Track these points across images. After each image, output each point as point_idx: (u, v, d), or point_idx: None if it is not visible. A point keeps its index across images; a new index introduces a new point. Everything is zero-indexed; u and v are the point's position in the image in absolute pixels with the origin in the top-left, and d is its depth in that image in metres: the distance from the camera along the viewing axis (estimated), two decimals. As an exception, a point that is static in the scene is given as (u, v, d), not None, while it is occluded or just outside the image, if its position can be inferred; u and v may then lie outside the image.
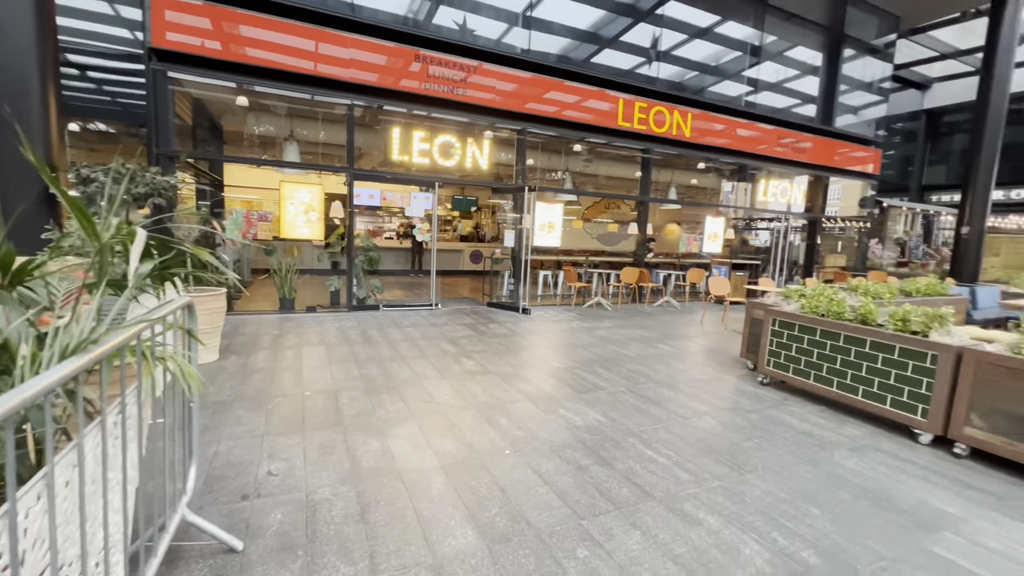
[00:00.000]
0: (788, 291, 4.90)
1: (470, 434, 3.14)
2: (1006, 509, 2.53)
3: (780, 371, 4.35)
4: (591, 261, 11.49)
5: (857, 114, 12.51)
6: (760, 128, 10.63)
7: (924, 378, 3.30)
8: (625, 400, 3.94)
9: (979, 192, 10.56)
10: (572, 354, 5.39)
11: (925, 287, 6.36)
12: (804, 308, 4.28)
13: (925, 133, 18.92)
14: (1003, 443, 2.93)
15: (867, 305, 3.85)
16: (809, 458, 3.03)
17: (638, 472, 2.73)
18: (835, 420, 3.71)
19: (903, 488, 2.71)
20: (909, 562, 2.06)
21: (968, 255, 10.88)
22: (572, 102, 8.54)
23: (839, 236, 16.15)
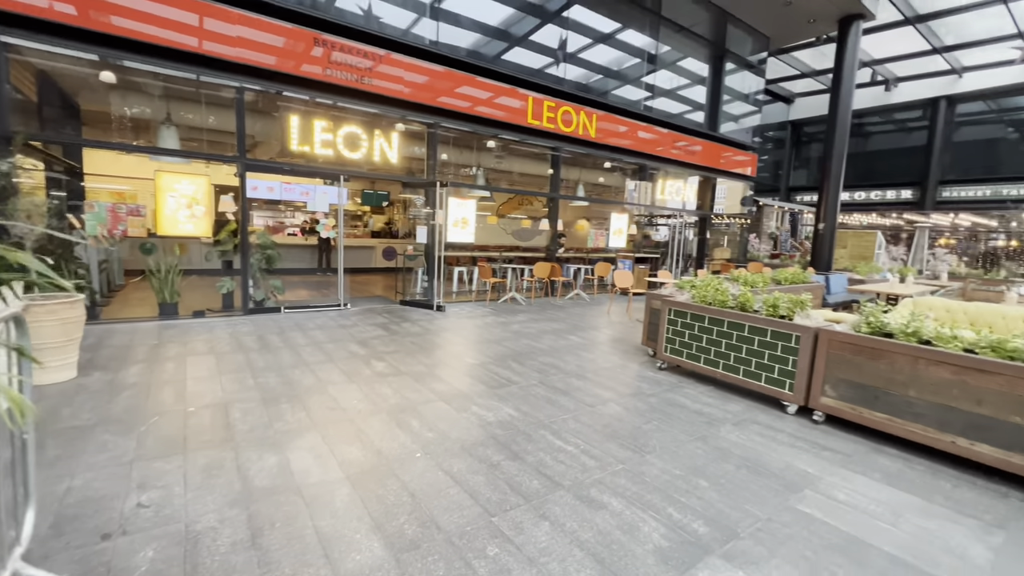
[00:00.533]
0: (682, 282, 5.33)
1: (379, 440, 3.02)
2: (852, 465, 2.98)
3: (676, 356, 4.73)
4: (505, 257, 11.63)
5: (737, 122, 13.96)
6: (658, 131, 11.44)
7: (790, 356, 3.78)
8: (537, 393, 4.04)
9: (831, 194, 12.32)
10: (486, 350, 5.41)
11: (791, 276, 7.29)
12: (695, 298, 4.69)
13: (791, 141, 21.67)
14: (849, 409, 3.45)
15: (745, 293, 4.31)
16: (700, 435, 3.32)
17: (548, 463, 2.80)
18: (721, 398, 4.12)
19: (774, 455, 3.07)
20: (778, 520, 2.34)
21: (823, 248, 12.67)
22: (485, 98, 8.52)
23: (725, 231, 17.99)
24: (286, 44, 6.46)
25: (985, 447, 2.84)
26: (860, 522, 2.36)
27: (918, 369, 3.11)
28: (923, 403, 3.09)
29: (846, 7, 10.99)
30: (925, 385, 3.08)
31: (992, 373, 2.81)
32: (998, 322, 5.04)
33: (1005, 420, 2.77)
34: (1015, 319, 4.97)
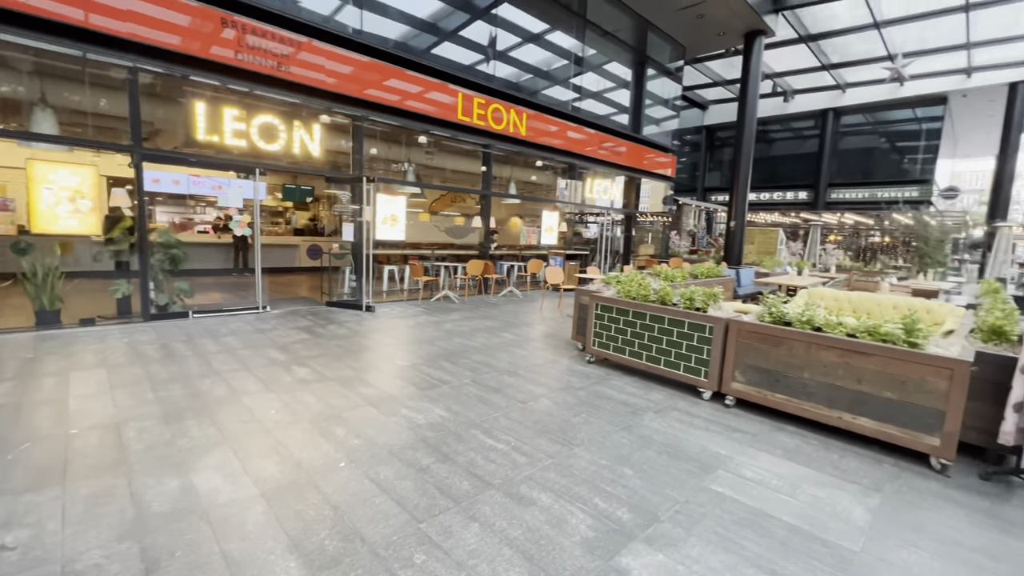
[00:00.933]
0: (608, 278, 5.54)
1: (299, 451, 2.84)
2: (757, 444, 3.25)
3: (603, 350, 4.90)
4: (438, 254, 11.46)
5: (659, 125, 14.75)
6: (586, 132, 11.79)
7: (705, 346, 4.05)
8: (469, 392, 4.01)
9: (740, 194, 13.38)
10: (418, 350, 5.29)
11: (707, 270, 7.84)
12: (620, 293, 4.88)
13: (706, 145, 23.29)
14: (756, 392, 3.76)
15: (665, 288, 4.56)
16: (625, 425, 3.47)
17: (479, 463, 2.79)
18: (645, 388, 4.33)
19: (691, 439, 3.27)
20: (695, 501, 2.50)
21: (734, 244, 13.74)
22: (414, 92, 8.31)
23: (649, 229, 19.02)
24: (192, 24, 5.87)
25: (864, 420, 3.22)
26: (764, 496, 2.58)
27: (811, 353, 3.45)
28: (815, 384, 3.44)
29: (750, 23, 11.95)
30: (817, 367, 3.43)
31: (869, 355, 3.19)
32: (874, 309, 5.75)
33: (879, 395, 3.15)
34: (887, 306, 5.69)
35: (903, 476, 2.89)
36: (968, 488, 2.79)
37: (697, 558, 2.05)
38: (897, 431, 3.09)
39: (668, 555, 2.06)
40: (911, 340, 3.11)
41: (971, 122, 19.60)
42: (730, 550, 2.11)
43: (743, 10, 11.10)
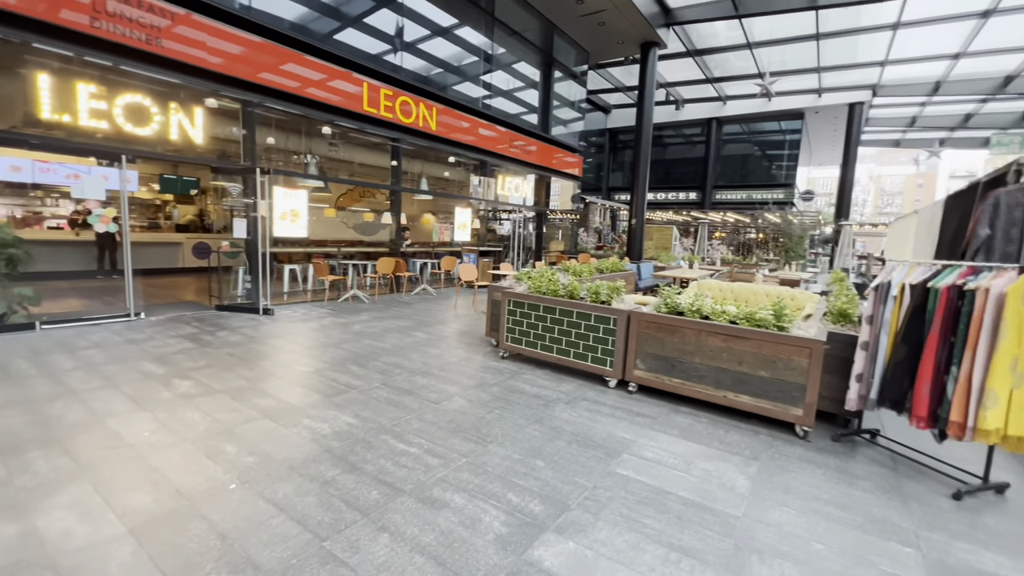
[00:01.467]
0: (519, 274, 5.63)
1: (179, 476, 2.51)
2: (656, 426, 3.51)
3: (516, 345, 4.98)
4: (346, 252, 10.87)
5: (566, 126, 15.31)
6: (498, 130, 11.87)
7: (610, 337, 4.27)
8: (379, 396, 3.84)
9: (640, 194, 14.35)
10: (323, 355, 4.96)
11: (611, 265, 8.30)
12: (531, 288, 4.98)
13: (609, 147, 24.68)
14: (654, 378, 4.06)
15: (573, 283, 4.74)
16: (537, 417, 3.55)
17: (389, 470, 2.68)
18: (556, 380, 4.47)
19: (599, 427, 3.44)
20: (602, 486, 2.62)
21: (635, 240, 14.73)
22: (316, 80, 7.75)
23: (559, 226, 19.71)
24: (27, -21, 4.92)
25: (745, 397, 3.62)
26: (663, 475, 2.78)
27: (701, 340, 3.80)
28: (705, 367, 3.79)
29: (645, 34, 12.82)
30: (706, 352, 3.78)
31: (747, 339, 3.58)
32: (751, 297, 6.47)
33: (756, 374, 3.56)
34: (761, 295, 6.44)
35: (775, 444, 3.29)
36: (824, 450, 3.25)
37: (604, 541, 2.15)
38: (770, 405, 3.51)
39: (578, 542, 2.14)
40: (779, 324, 3.55)
41: (822, 135, 22.89)
42: (634, 529, 2.25)
43: (639, 22, 11.86)
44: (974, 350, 2.62)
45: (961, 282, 2.73)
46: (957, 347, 2.70)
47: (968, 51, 13.33)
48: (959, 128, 21.11)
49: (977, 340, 2.61)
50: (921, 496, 2.70)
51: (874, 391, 3.12)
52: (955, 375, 2.70)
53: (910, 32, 12.55)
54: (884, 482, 2.84)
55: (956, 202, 4.84)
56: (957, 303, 2.73)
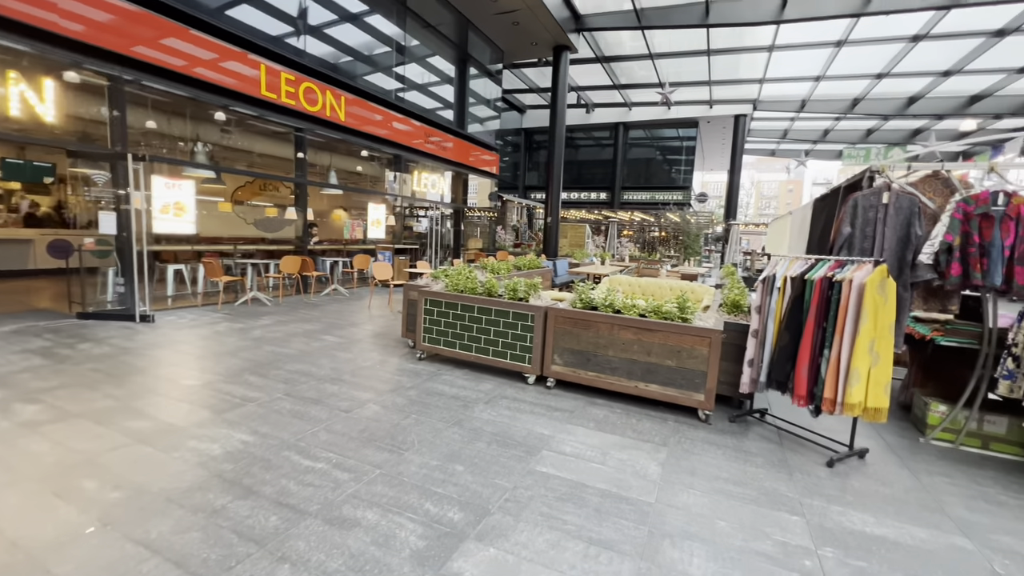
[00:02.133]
0: (436, 272, 5.47)
1: (16, 524, 2.06)
2: (573, 420, 3.57)
3: (434, 345, 4.82)
4: (244, 251, 9.90)
5: (482, 124, 15.29)
6: (413, 124, 11.49)
7: (528, 334, 4.29)
8: (282, 408, 3.50)
9: (555, 193, 14.75)
10: (215, 365, 4.43)
11: (528, 262, 8.41)
12: (448, 286, 4.85)
13: (524, 146, 25.11)
14: (571, 372, 4.14)
15: (491, 280, 4.69)
16: (456, 420, 3.45)
17: (292, 491, 2.42)
18: (475, 380, 4.39)
19: (519, 424, 3.42)
20: (522, 486, 2.60)
21: (551, 238, 15.12)
22: (207, 59, 6.91)
23: (477, 223, 19.66)
24: None
25: (654, 386, 3.82)
26: (580, 468, 2.83)
27: (614, 333, 3.94)
28: (618, 359, 3.94)
29: (557, 37, 13.16)
30: (618, 345, 3.92)
31: (655, 331, 3.78)
32: (657, 291, 6.89)
33: (664, 364, 3.77)
34: (666, 288, 6.89)
35: (681, 429, 3.50)
36: (723, 431, 3.53)
37: (525, 543, 2.12)
38: (676, 392, 3.73)
39: (499, 547, 2.08)
40: (683, 316, 3.78)
41: (713, 143, 25.14)
42: (554, 527, 2.24)
43: (551, 24, 12.13)
44: (841, 334, 2.98)
45: (831, 274, 3.10)
46: (829, 332, 3.06)
47: (826, 75, 15.36)
48: (820, 141, 24.35)
49: (844, 325, 2.97)
50: (802, 467, 3.02)
51: (763, 375, 3.44)
52: (827, 357, 3.05)
53: (783, 55, 14.19)
54: (773, 456, 3.14)
55: (822, 204, 5.53)
56: (828, 293, 3.09)
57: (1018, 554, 2.25)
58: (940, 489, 2.84)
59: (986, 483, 2.96)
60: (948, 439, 3.49)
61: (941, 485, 2.89)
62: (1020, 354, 3.05)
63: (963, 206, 3.17)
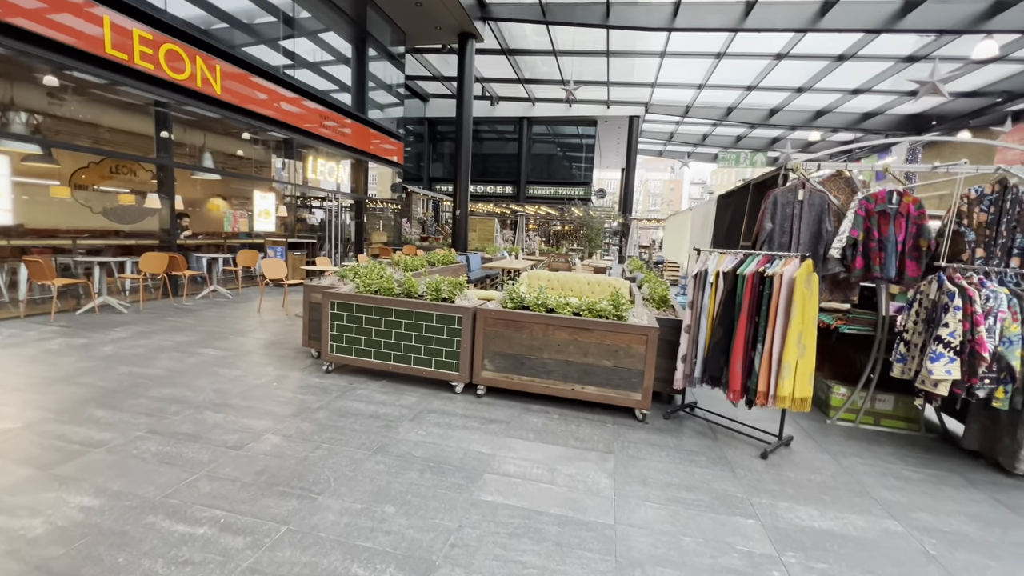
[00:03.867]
0: (343, 271, 4.81)
1: None
2: (511, 431, 3.27)
3: (344, 355, 4.20)
4: (89, 246, 8.09)
5: (383, 111, 14.29)
6: (305, 105, 10.27)
7: (455, 338, 3.89)
8: (144, 451, 2.71)
9: (463, 185, 14.31)
10: (42, 398, 3.37)
11: (442, 257, 7.94)
12: (360, 287, 4.25)
13: (428, 136, 24.24)
14: (503, 378, 3.83)
15: (409, 279, 4.19)
16: (379, 444, 2.95)
17: (159, 575, 1.79)
18: (396, 393, 3.88)
19: (452, 444, 3.03)
20: (468, 524, 2.22)
21: (460, 231, 14.69)
22: (29, 7, 5.35)
23: (380, 215, 18.50)
24: None
25: (591, 388, 3.65)
26: (530, 492, 2.52)
27: (548, 334, 3.70)
28: (553, 362, 3.71)
29: (462, 24, 12.69)
30: (553, 347, 3.70)
31: (592, 330, 3.61)
32: (576, 286, 6.85)
33: (600, 364, 3.61)
34: (583, 283, 6.88)
35: (622, 432, 3.37)
36: (661, 430, 3.47)
37: (483, 600, 1.76)
38: (613, 393, 3.60)
39: (452, 612, 1.70)
40: (618, 314, 3.66)
41: (609, 142, 26.44)
42: (513, 573, 1.91)
43: (455, 8, 11.62)
44: (773, 328, 3.04)
45: (761, 269, 3.15)
46: (761, 326, 3.10)
47: (707, 84, 16.80)
48: (699, 145, 26.84)
49: (775, 319, 3.03)
50: (741, 461, 3.04)
51: (697, 370, 3.43)
52: (760, 351, 3.10)
53: (673, 61, 15.20)
54: (713, 453, 3.13)
55: (727, 201, 5.88)
56: (760, 288, 3.14)
57: (938, 531, 2.41)
58: (857, 471, 3.03)
59: (889, 459, 3.23)
60: (850, 419, 3.80)
61: (857, 466, 3.09)
62: (910, 339, 3.38)
63: (865, 203, 3.42)
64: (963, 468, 3.17)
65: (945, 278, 3.14)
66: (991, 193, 3.29)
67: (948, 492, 2.82)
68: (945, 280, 3.12)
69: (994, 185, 3.29)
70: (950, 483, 2.94)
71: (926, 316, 3.29)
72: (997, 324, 2.95)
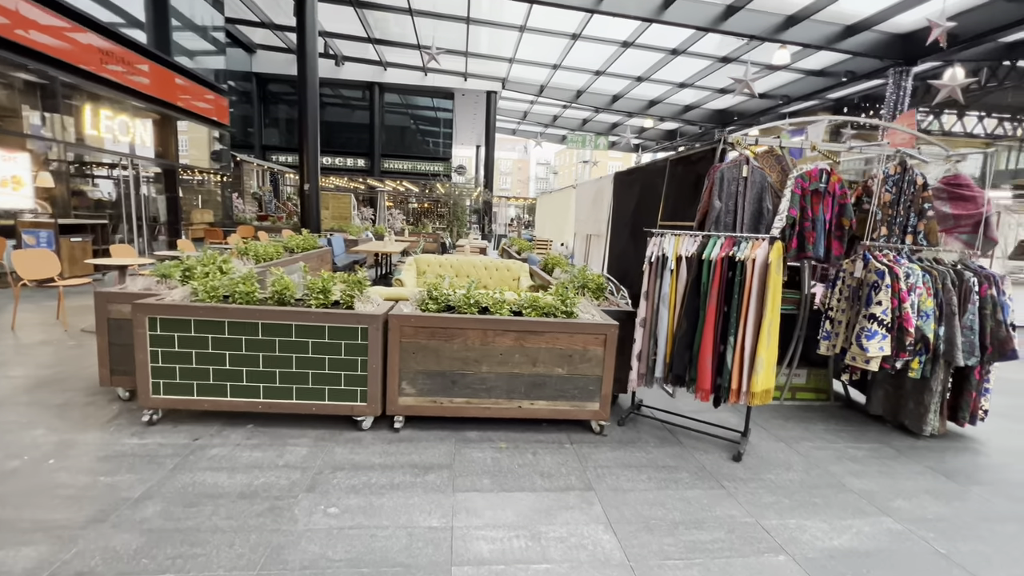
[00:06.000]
0: (165, 268, 3.28)
1: None
2: (461, 481, 2.44)
3: (179, 395, 2.81)
4: None
5: (194, 59, 11.24)
6: (75, 39, 7.28)
7: (358, 357, 2.84)
8: None
9: (311, 155, 12.14)
10: None
11: (303, 242, 6.39)
12: (200, 293, 2.87)
13: (259, 96, 20.39)
14: (431, 402, 2.94)
15: (280, 278, 2.96)
16: (269, 553, 1.86)
17: None
18: (274, 444, 2.70)
19: (384, 520, 2.09)
20: None
21: (311, 209, 12.57)
22: None
23: (200, 190, 14.94)
24: None
25: (541, 403, 3.00)
26: (522, 579, 1.79)
27: (488, 341, 2.91)
28: (494, 376, 2.94)
29: (303, -44, 10.50)
30: (495, 357, 2.93)
31: (541, 332, 2.93)
32: (473, 272, 6.08)
33: (552, 373, 2.98)
34: (481, 267, 6.15)
35: (587, 455, 2.81)
36: (623, 442, 3.00)
37: None
38: (567, 406, 3.01)
39: None
40: (567, 310, 3.05)
41: (466, 117, 25.64)
42: None
43: (296, -67, 9.49)
44: (745, 318, 2.75)
45: (730, 253, 2.82)
46: (733, 317, 2.79)
47: (562, 65, 17.09)
48: (550, 126, 27.82)
49: (747, 308, 2.74)
50: (719, 470, 2.73)
51: (658, 369, 3.03)
52: (733, 344, 2.79)
53: (532, 37, 14.94)
54: (688, 464, 2.76)
55: (628, 178, 5.68)
56: (729, 274, 2.82)
57: (923, 520, 2.37)
58: (817, 458, 2.96)
59: (828, 437, 3.28)
60: (776, 396, 3.86)
61: (814, 453, 3.03)
62: (835, 316, 3.47)
63: (800, 182, 3.35)
64: (882, 435, 3.37)
65: (871, 257, 3.23)
66: (894, 174, 3.49)
67: (894, 468, 2.90)
68: (871, 259, 3.21)
69: (896, 167, 3.50)
70: (887, 456, 3.06)
71: (850, 294, 3.39)
72: (915, 299, 3.11)
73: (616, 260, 5.78)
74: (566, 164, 71.49)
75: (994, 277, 3.20)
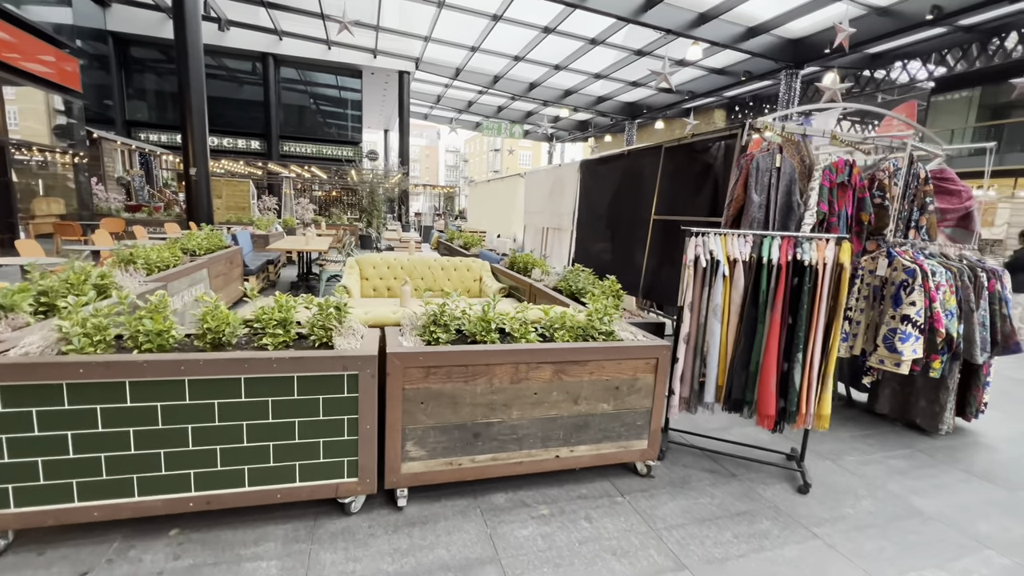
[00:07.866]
0: (5, 296, 2.12)
1: None
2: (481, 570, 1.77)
3: (46, 505, 1.76)
4: None
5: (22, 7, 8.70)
6: None
7: (344, 416, 2.00)
8: None
9: (197, 136, 10.13)
10: None
11: (207, 240, 5.05)
12: (74, 339, 1.81)
13: (118, 61, 16.86)
14: (445, 466, 2.19)
15: (216, 309, 1.98)
16: None
17: None
18: (222, 561, 1.78)
19: None
20: None
21: (201, 198, 10.56)
22: None
23: (43, 172, 11.88)
24: None
25: (583, 448, 2.39)
26: None
27: (521, 378, 2.22)
28: (527, 422, 2.27)
29: None
30: (528, 397, 2.25)
31: (584, 362, 2.31)
32: (427, 272, 5.28)
33: (596, 411, 2.37)
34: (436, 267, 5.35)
35: (643, 507, 2.27)
36: (676, 484, 2.51)
37: None
38: (613, 448, 2.44)
39: None
40: (607, 329, 2.46)
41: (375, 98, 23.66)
42: None
43: None
44: (815, 331, 2.38)
45: (796, 255, 2.42)
46: (802, 331, 2.41)
47: (480, 47, 16.30)
48: (464, 112, 26.92)
49: (817, 320, 2.37)
50: (794, 509, 2.34)
51: (709, 393, 2.58)
52: (801, 361, 2.42)
53: (450, 15, 13.92)
54: (760, 506, 2.35)
55: (602, 168, 5.21)
56: (793, 280, 2.42)
57: (1020, 546, 2.19)
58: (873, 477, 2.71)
59: (865, 447, 3.09)
60: (789, 402, 3.66)
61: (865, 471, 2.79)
62: (853, 316, 3.30)
63: (828, 174, 3.09)
64: (901, 437, 3.28)
65: (896, 254, 3.07)
66: (902, 167, 3.39)
67: (940, 478, 2.75)
68: (897, 256, 3.05)
69: (903, 160, 3.40)
70: (924, 463, 2.93)
71: (869, 293, 3.23)
72: (941, 298, 3.01)
73: (591, 257, 5.31)
74: (477, 152, 70.47)
75: (997, 271, 3.22)
